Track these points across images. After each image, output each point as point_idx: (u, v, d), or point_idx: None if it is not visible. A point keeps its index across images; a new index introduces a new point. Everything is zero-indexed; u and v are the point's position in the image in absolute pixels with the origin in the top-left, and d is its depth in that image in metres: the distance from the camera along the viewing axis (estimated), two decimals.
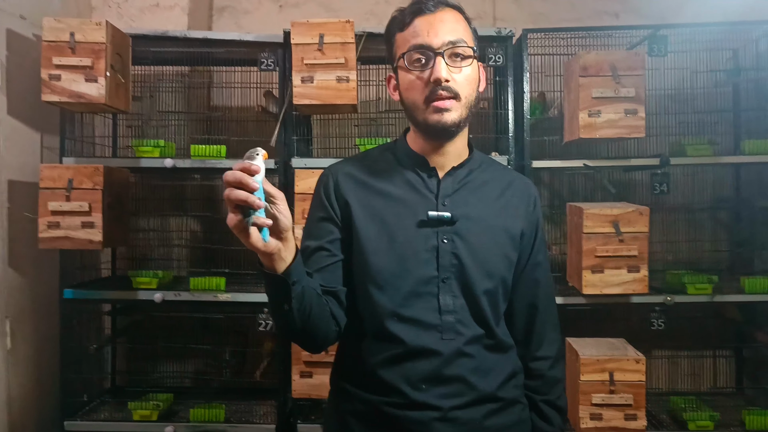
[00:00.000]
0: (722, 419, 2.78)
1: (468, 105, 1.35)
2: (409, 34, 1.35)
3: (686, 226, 3.16)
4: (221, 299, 2.76)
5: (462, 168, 1.42)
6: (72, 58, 2.44)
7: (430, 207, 1.37)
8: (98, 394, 3.08)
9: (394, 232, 1.36)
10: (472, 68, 1.35)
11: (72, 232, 2.52)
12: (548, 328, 1.50)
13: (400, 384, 1.33)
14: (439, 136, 1.37)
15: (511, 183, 1.46)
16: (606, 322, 2.96)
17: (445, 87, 1.30)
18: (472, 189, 1.41)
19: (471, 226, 1.37)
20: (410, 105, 1.36)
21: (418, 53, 1.33)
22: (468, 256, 1.35)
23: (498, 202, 1.42)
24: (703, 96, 3.08)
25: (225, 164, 2.77)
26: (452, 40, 1.31)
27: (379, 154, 1.48)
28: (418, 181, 1.40)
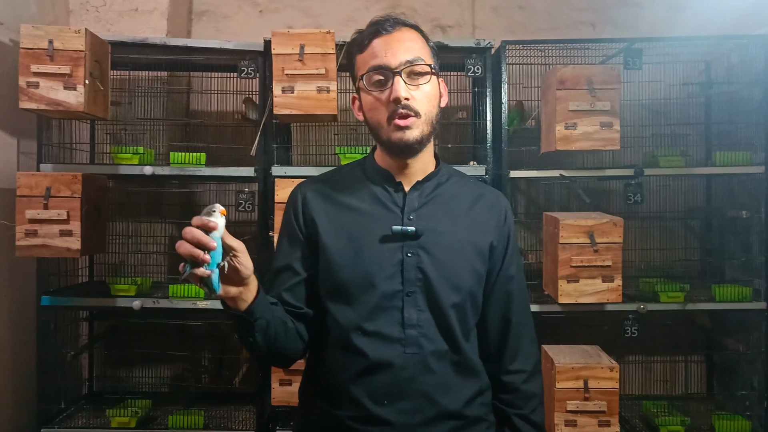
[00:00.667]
0: (693, 423, 2.85)
1: (429, 121, 1.38)
2: (367, 55, 1.38)
3: (659, 234, 3.23)
4: (200, 306, 2.76)
5: (429, 181, 1.45)
6: (50, 65, 2.42)
7: (396, 221, 1.40)
8: (75, 401, 3.07)
9: (361, 246, 1.38)
10: (431, 85, 1.38)
11: (50, 240, 2.50)
12: (523, 342, 1.51)
13: (363, 398, 1.35)
14: (402, 153, 1.40)
15: (481, 196, 1.49)
16: (580, 328, 3.01)
17: (405, 105, 1.34)
18: (439, 203, 1.44)
19: (437, 240, 1.39)
20: (374, 125, 1.40)
21: (376, 74, 1.36)
22: (433, 270, 1.37)
23: (467, 216, 1.45)
24: (676, 108, 3.14)
25: (204, 172, 2.77)
26: (409, 59, 1.35)
27: (349, 171, 1.52)
28: (385, 195, 1.43)
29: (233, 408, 3.02)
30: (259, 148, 2.76)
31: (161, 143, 3.19)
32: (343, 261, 1.38)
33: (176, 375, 3.31)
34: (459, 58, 2.87)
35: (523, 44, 2.85)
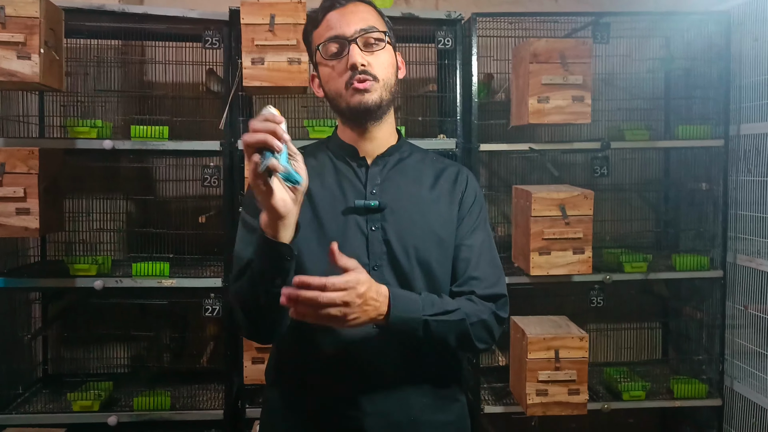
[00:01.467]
0: (652, 388, 2.96)
1: (388, 88, 1.39)
2: (322, 29, 1.40)
3: (620, 206, 3.30)
4: (165, 285, 2.68)
5: (391, 156, 1.45)
6: (3, 33, 2.26)
7: (359, 196, 1.39)
8: (30, 385, 2.95)
9: (325, 223, 1.37)
10: (386, 52, 1.39)
11: (5, 219, 2.37)
12: (476, 274, 1.42)
13: (330, 380, 1.35)
14: (363, 117, 1.39)
15: (444, 169, 1.49)
16: (547, 299, 3.08)
17: (363, 71, 1.35)
18: (403, 177, 1.44)
19: (401, 213, 1.39)
20: (333, 95, 1.40)
21: (332, 44, 1.37)
22: (398, 243, 1.37)
23: (432, 190, 1.45)
24: (637, 82, 3.20)
25: (168, 146, 2.67)
26: (364, 28, 1.36)
27: (314, 148, 1.51)
28: (348, 170, 1.43)
29: (199, 387, 2.97)
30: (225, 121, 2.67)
31: (117, 116, 3.05)
32: (308, 235, 1.34)
33: (137, 355, 3.21)
34: (426, 30, 2.84)
35: (494, 17, 2.83)
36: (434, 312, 1.30)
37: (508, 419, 2.89)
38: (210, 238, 2.88)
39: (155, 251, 2.94)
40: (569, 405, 2.59)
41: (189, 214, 3.04)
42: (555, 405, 2.59)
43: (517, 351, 2.72)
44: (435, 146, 2.79)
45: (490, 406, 2.87)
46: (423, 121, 3.04)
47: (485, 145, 2.80)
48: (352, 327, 1.22)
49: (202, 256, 2.93)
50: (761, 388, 2.74)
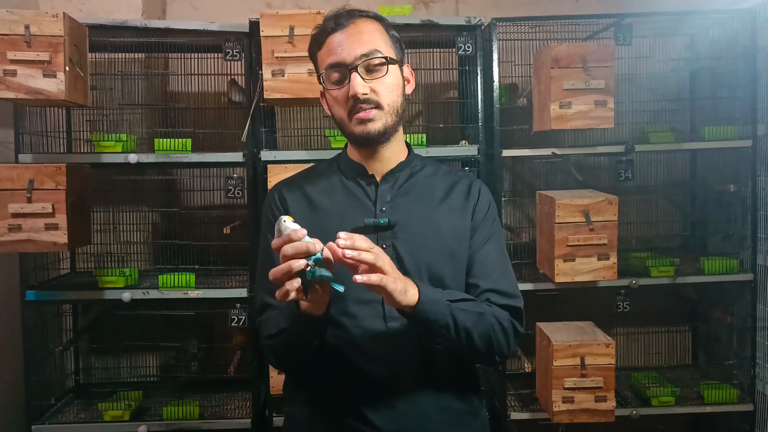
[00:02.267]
0: (682, 393, 2.92)
1: (393, 111, 1.38)
2: (324, 53, 1.38)
3: (645, 208, 3.26)
4: (191, 296, 2.71)
5: (402, 172, 1.45)
6: (28, 52, 2.31)
7: (368, 214, 1.39)
8: (62, 395, 3.00)
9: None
10: (391, 75, 1.36)
11: (35, 235, 2.41)
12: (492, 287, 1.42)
13: (348, 396, 1.35)
14: (368, 145, 1.40)
15: (456, 183, 1.48)
16: (572, 304, 3.05)
17: (365, 100, 1.33)
18: (413, 193, 1.44)
19: (412, 230, 1.39)
20: (338, 120, 1.40)
21: (334, 71, 1.36)
22: (410, 260, 1.37)
23: (443, 204, 1.44)
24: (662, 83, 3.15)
25: (191, 158, 2.70)
26: (365, 53, 1.33)
27: (325, 167, 1.52)
28: (358, 189, 1.43)
29: (227, 396, 3.00)
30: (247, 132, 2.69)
31: (141, 128, 3.09)
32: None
33: (165, 365, 3.26)
34: (447, 35, 2.83)
35: (514, 21, 2.81)
36: (456, 299, 1.31)
37: (534, 426, 2.87)
38: (235, 249, 2.90)
39: (181, 262, 2.97)
40: (596, 412, 2.56)
41: (214, 224, 3.07)
42: (582, 412, 2.56)
43: (542, 358, 2.70)
44: (457, 153, 2.78)
45: (516, 413, 2.85)
46: (445, 127, 3.03)
47: (508, 150, 2.78)
48: (396, 291, 1.20)
49: (228, 267, 2.96)
50: None
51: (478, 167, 2.75)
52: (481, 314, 1.33)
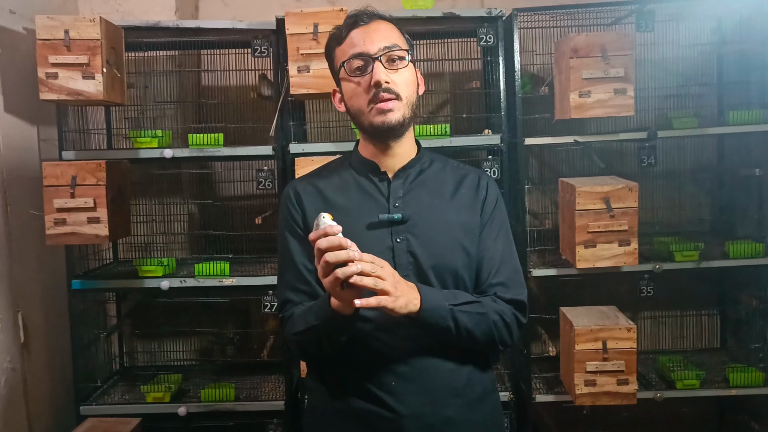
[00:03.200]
0: (707, 377, 2.93)
1: (410, 105, 1.44)
2: (346, 45, 1.44)
3: (672, 193, 3.26)
4: (226, 284, 2.83)
5: (413, 168, 1.51)
6: (68, 55, 2.44)
7: (382, 210, 1.46)
8: (108, 378, 3.17)
9: (351, 237, 1.40)
10: (408, 70, 1.45)
11: (78, 228, 2.56)
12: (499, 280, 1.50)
13: (365, 381, 1.43)
14: (386, 136, 1.45)
15: (464, 177, 1.55)
16: (596, 288, 3.09)
17: (386, 89, 1.40)
18: (424, 188, 1.50)
19: (425, 224, 1.45)
20: (355, 112, 1.45)
21: (356, 60, 1.42)
22: (423, 253, 1.44)
23: (453, 199, 1.51)
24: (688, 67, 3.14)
25: (223, 152, 2.81)
26: (387, 46, 1.41)
27: (337, 165, 1.58)
28: (370, 186, 1.49)
29: (261, 379, 3.12)
30: (276, 126, 2.79)
31: (177, 124, 3.22)
32: None
33: (203, 349, 3.41)
34: (470, 26, 2.88)
35: (535, 11, 2.84)
36: (458, 302, 1.40)
37: (559, 408, 2.94)
38: (266, 238, 3.01)
39: (216, 251, 3.11)
40: (618, 395, 2.61)
41: (246, 215, 3.19)
42: (604, 395, 2.61)
43: (566, 342, 2.76)
44: (480, 142, 2.84)
45: (541, 395, 2.92)
46: (469, 117, 3.08)
47: (530, 139, 2.82)
48: (397, 308, 1.29)
49: (260, 255, 3.08)
50: None
51: (501, 156, 2.80)
52: (482, 314, 1.42)
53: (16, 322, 2.66)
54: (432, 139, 2.75)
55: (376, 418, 1.43)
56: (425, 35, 3.07)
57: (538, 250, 2.99)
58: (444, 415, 1.44)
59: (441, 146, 2.75)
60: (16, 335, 2.66)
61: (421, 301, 1.34)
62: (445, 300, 1.39)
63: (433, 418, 1.43)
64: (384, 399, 1.42)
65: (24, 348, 2.70)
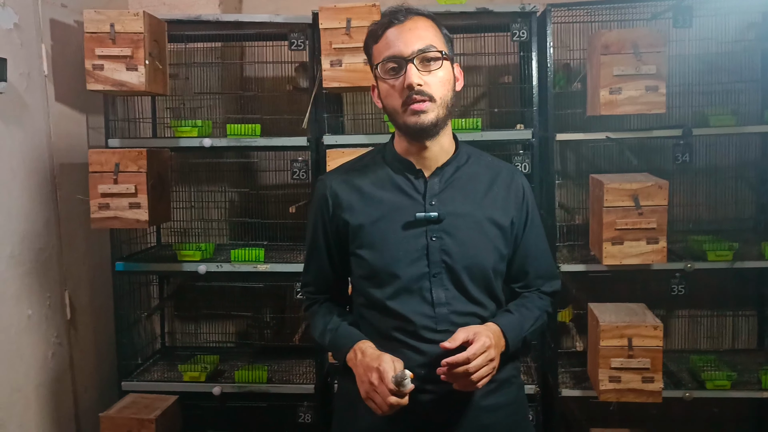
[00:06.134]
0: (740, 378, 2.89)
1: (444, 105, 1.46)
2: (382, 45, 1.47)
3: (711, 189, 3.21)
4: (260, 270, 2.93)
5: (449, 165, 1.53)
6: (113, 48, 2.57)
7: (418, 208, 1.49)
8: (149, 356, 3.33)
9: (386, 234, 1.48)
10: (444, 70, 1.46)
11: (120, 213, 2.69)
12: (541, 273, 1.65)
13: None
14: (419, 136, 1.48)
15: (498, 175, 1.58)
16: (628, 285, 3.07)
17: (419, 91, 1.42)
18: (459, 186, 1.53)
19: (459, 223, 1.49)
20: (391, 111, 1.48)
21: (390, 63, 1.45)
22: (457, 253, 1.48)
23: (486, 197, 1.54)
24: (730, 63, 3.08)
25: (259, 142, 2.90)
26: (421, 48, 1.43)
27: (370, 159, 1.60)
28: (406, 184, 1.52)
29: (293, 363, 3.21)
30: (310, 118, 2.86)
31: (218, 114, 3.33)
32: (371, 248, 1.49)
33: (241, 332, 3.53)
34: (503, 21, 2.89)
35: (568, 7, 2.83)
36: (529, 326, 1.54)
37: (586, 402, 2.95)
38: (300, 227, 3.10)
39: (252, 238, 3.21)
40: (643, 392, 2.61)
41: (282, 203, 3.29)
42: (629, 392, 2.61)
43: (592, 337, 2.76)
44: (512, 136, 2.86)
45: (568, 390, 2.92)
46: (502, 111, 3.09)
47: (561, 134, 2.82)
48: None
49: (293, 243, 3.17)
50: None
51: (532, 150, 2.81)
52: (538, 318, 1.58)
53: (63, 300, 2.82)
54: (464, 133, 2.78)
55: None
56: (459, 29, 3.09)
57: (567, 245, 2.99)
58: (471, 398, 1.50)
59: (473, 140, 2.77)
60: (63, 313, 2.82)
61: (506, 346, 1.48)
62: (521, 330, 1.52)
63: (459, 400, 1.49)
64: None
65: (71, 324, 2.86)
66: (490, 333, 1.41)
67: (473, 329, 1.40)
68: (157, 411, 2.79)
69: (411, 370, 1.44)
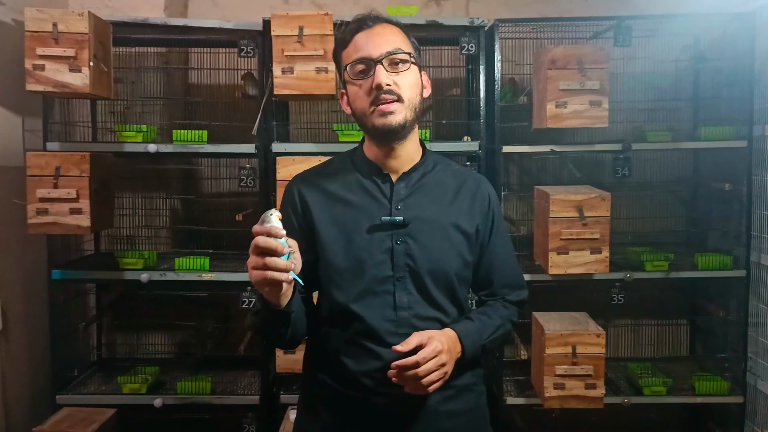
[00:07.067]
0: (674, 384, 3.01)
1: (412, 108, 1.46)
2: (351, 49, 1.47)
3: (648, 203, 3.34)
4: (205, 279, 2.88)
5: (415, 171, 1.54)
6: (56, 48, 2.48)
7: (384, 212, 1.49)
8: (86, 368, 3.20)
9: (352, 236, 1.48)
10: (411, 73, 1.46)
11: (60, 218, 2.60)
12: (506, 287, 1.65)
13: (357, 373, 1.47)
14: (387, 138, 1.48)
15: (464, 182, 1.59)
16: (569, 294, 3.15)
17: (387, 91, 1.42)
18: (425, 192, 1.54)
19: (424, 228, 1.50)
20: (359, 113, 1.48)
21: (360, 64, 1.45)
22: (421, 257, 1.48)
23: (452, 204, 1.55)
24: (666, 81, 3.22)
25: (206, 149, 2.85)
26: (389, 50, 1.43)
27: (340, 163, 1.60)
28: (373, 187, 1.52)
29: (238, 373, 3.17)
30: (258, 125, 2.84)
31: (162, 119, 3.26)
32: (337, 249, 1.48)
33: (182, 342, 3.44)
34: (454, 34, 2.94)
35: (516, 23, 2.91)
36: (489, 334, 1.54)
37: (530, 410, 3.00)
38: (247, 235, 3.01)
39: (197, 247, 3.15)
40: (586, 399, 2.67)
41: (227, 211, 3.24)
42: (572, 398, 2.68)
43: (537, 346, 2.82)
44: (460, 148, 2.90)
45: (512, 398, 2.97)
46: (450, 123, 3.14)
47: (508, 147, 2.88)
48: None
49: (240, 252, 3.12)
50: None
51: (479, 162, 2.86)
52: (502, 333, 1.59)
53: None
54: None
55: (363, 402, 1.48)
56: None
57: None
58: (430, 403, 1.49)
59: None
60: None
61: (462, 353, 1.47)
62: (479, 337, 1.52)
63: (419, 406, 1.48)
64: (373, 387, 1.47)
65: (2, 335, 2.73)
66: (444, 338, 1.42)
67: (427, 333, 1.40)
68: (95, 425, 2.68)
69: (371, 375, 1.45)
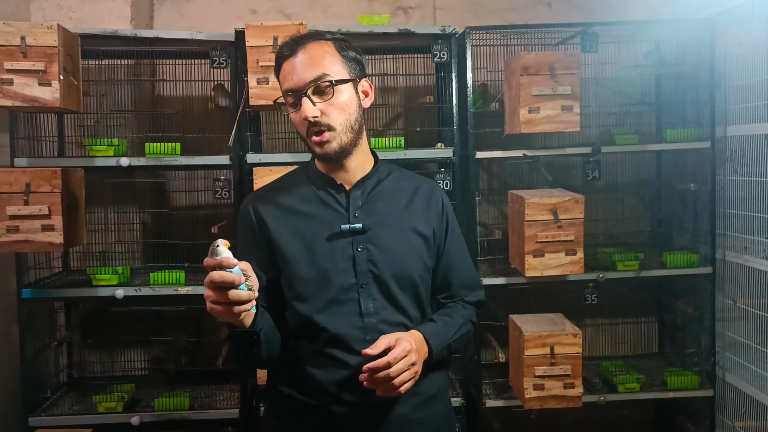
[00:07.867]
0: (647, 380, 3.09)
1: (347, 129, 1.47)
2: (281, 77, 1.50)
3: (614, 205, 3.43)
4: (181, 292, 2.84)
5: (370, 179, 1.57)
6: (24, 62, 2.43)
7: (343, 221, 1.52)
8: (57, 388, 3.12)
9: (313, 247, 1.49)
10: (342, 94, 1.46)
11: (32, 236, 2.53)
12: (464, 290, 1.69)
13: (327, 384, 1.48)
14: (331, 161, 1.51)
15: (418, 188, 1.63)
16: (544, 296, 3.21)
17: (315, 123, 1.44)
18: (381, 198, 1.57)
19: (384, 233, 1.53)
20: (302, 138, 1.51)
21: (289, 97, 1.47)
22: (383, 261, 1.51)
23: (408, 209, 1.59)
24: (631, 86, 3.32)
25: (180, 161, 2.82)
26: (313, 79, 1.43)
27: (294, 178, 1.62)
28: (329, 198, 1.55)
29: (216, 387, 3.13)
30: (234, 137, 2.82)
31: (133, 132, 3.21)
32: (299, 261, 1.49)
33: (156, 358, 3.38)
34: (424, 42, 2.98)
35: (486, 30, 2.96)
36: (453, 334, 1.57)
37: (509, 413, 3.03)
38: None
39: (171, 260, 3.10)
40: (565, 398, 2.73)
41: (202, 224, 3.20)
42: (551, 398, 2.72)
43: (515, 348, 2.86)
44: (434, 155, 2.94)
45: (491, 401, 3.01)
46: (422, 130, 3.17)
47: (481, 152, 2.93)
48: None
49: None
50: (751, 379, 2.85)
51: (453, 168, 2.90)
52: (464, 332, 1.62)
53: None
54: (387, 152, 2.83)
55: (330, 413, 1.48)
56: (382, 50, 3.16)
57: (488, 259, 3.09)
58: (400, 412, 1.51)
59: (396, 158, 2.83)
60: None
61: (430, 350, 1.50)
62: (445, 337, 1.55)
63: (388, 414, 1.50)
64: (341, 396, 1.48)
65: None
66: (411, 339, 1.44)
67: (395, 336, 1.42)
68: None
69: (341, 384, 1.47)
